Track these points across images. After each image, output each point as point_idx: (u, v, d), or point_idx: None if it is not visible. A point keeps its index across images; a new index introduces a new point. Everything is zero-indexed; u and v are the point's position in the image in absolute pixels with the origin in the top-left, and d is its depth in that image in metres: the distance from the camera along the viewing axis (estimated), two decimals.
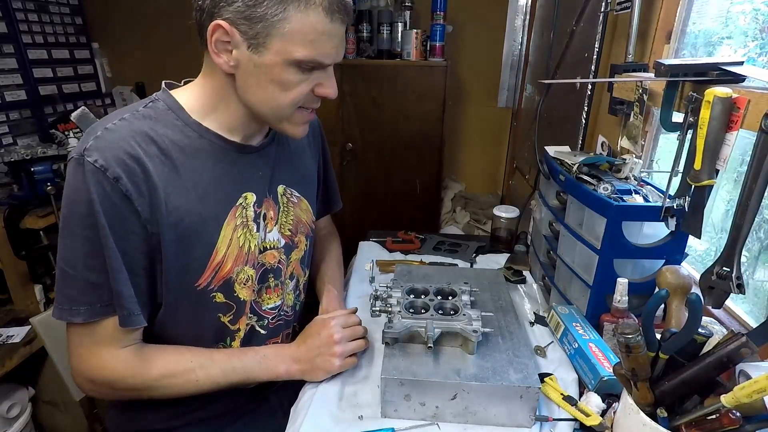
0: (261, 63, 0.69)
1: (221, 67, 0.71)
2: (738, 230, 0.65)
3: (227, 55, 0.70)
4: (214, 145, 0.77)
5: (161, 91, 0.77)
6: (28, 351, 1.53)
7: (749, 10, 0.95)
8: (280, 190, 0.89)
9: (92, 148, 0.67)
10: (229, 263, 0.79)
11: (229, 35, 0.68)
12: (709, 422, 0.56)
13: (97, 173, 0.66)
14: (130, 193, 0.68)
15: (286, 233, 0.89)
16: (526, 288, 1.16)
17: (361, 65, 2.13)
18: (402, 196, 2.32)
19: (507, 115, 2.61)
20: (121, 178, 0.67)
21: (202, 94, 0.77)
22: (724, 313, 0.90)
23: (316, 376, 0.82)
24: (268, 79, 0.71)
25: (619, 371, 0.64)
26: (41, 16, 2.14)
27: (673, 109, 0.85)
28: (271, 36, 0.67)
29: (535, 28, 2.12)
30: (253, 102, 0.74)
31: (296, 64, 0.70)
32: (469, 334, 0.78)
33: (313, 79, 0.73)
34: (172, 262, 0.74)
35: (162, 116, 0.74)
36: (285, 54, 0.68)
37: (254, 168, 0.83)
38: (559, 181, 1.01)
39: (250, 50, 0.68)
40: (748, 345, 0.56)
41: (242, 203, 0.80)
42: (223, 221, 0.78)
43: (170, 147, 0.72)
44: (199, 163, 0.75)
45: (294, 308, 0.96)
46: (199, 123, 0.76)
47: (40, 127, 2.07)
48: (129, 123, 0.71)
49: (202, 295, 0.78)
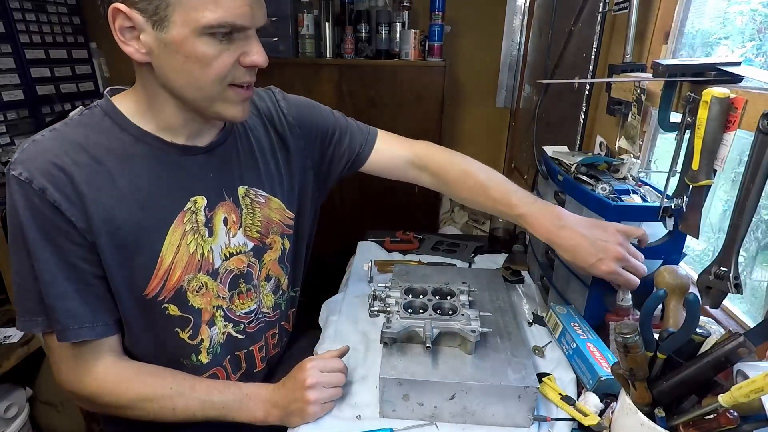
0: (170, 40, 0.63)
1: (133, 57, 0.66)
2: (735, 230, 0.65)
3: (136, 42, 0.65)
4: (153, 149, 0.74)
5: (103, 97, 0.75)
6: (25, 351, 1.52)
7: (747, 10, 0.95)
8: (241, 191, 0.84)
9: (17, 161, 0.66)
10: (177, 271, 0.76)
11: (130, 19, 0.63)
12: (707, 422, 0.56)
13: (23, 185, 0.65)
14: (59, 204, 0.66)
15: (254, 235, 0.86)
16: (525, 288, 1.16)
17: (360, 65, 2.13)
18: (400, 196, 2.31)
19: (505, 116, 2.61)
20: (47, 188, 0.65)
21: (136, 96, 0.74)
22: (721, 312, 0.91)
23: (292, 423, 0.77)
24: (183, 57, 0.64)
25: (617, 371, 0.64)
26: (39, 15, 2.13)
27: (670, 109, 0.85)
28: (171, 6, 0.61)
29: (534, 29, 2.13)
30: (177, 88, 0.68)
31: (208, 32, 0.63)
32: (468, 334, 0.78)
33: (236, 49, 0.67)
34: (116, 271, 0.72)
35: (97, 123, 0.72)
36: (192, 23, 0.62)
37: (203, 170, 0.79)
38: (557, 181, 1.01)
39: (155, 29, 0.63)
40: (746, 345, 0.56)
41: (191, 207, 0.77)
42: (168, 227, 0.74)
43: (103, 154, 0.70)
44: (137, 168, 0.72)
45: (278, 308, 0.94)
46: (137, 126, 0.73)
47: (38, 127, 2.05)
48: (59, 133, 0.70)
49: (152, 305, 0.76)
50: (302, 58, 2.14)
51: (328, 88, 2.12)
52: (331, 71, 2.10)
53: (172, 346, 0.80)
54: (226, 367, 0.87)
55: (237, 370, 0.89)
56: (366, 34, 2.17)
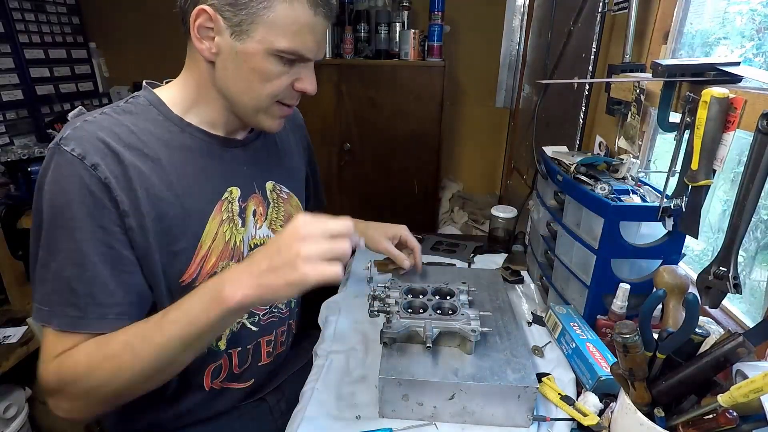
0: (243, 51, 0.69)
1: (203, 53, 0.71)
2: (735, 230, 0.65)
3: (209, 41, 0.70)
4: (197, 139, 0.77)
5: (143, 89, 0.78)
6: (24, 351, 1.52)
7: (746, 10, 0.95)
8: (269, 186, 0.89)
9: (69, 137, 0.66)
10: (213, 258, 0.78)
11: (212, 21, 0.68)
12: (706, 422, 0.56)
13: (73, 161, 0.65)
14: (109, 180, 0.66)
15: (278, 229, 0.90)
16: (524, 288, 1.16)
17: (359, 65, 2.13)
18: (400, 196, 2.32)
19: (505, 116, 2.61)
20: (99, 165, 0.65)
21: (183, 89, 0.78)
22: (721, 312, 0.91)
23: (279, 293, 0.60)
24: (249, 68, 0.71)
25: (616, 371, 0.64)
26: (38, 15, 2.13)
27: (670, 109, 0.85)
28: (255, 24, 0.68)
29: (533, 29, 2.13)
30: (233, 91, 0.74)
31: (277, 55, 0.70)
32: (468, 334, 0.78)
33: (294, 73, 0.74)
34: (155, 257, 0.71)
35: (143, 111, 0.74)
36: (267, 43, 0.69)
37: (239, 162, 0.83)
38: (556, 181, 1.01)
39: (233, 37, 0.69)
40: (745, 345, 0.56)
41: (228, 197, 0.80)
42: (209, 215, 0.77)
43: (151, 141, 0.72)
44: (182, 156, 0.75)
45: (288, 305, 0.95)
46: (180, 118, 0.77)
47: (37, 127, 2.07)
48: (109, 117, 0.71)
49: (185, 292, 0.72)
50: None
51: (327, 88, 2.12)
52: (330, 71, 2.10)
53: None
54: (232, 356, 0.86)
55: (242, 364, 0.88)
56: (365, 34, 2.17)
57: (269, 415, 0.93)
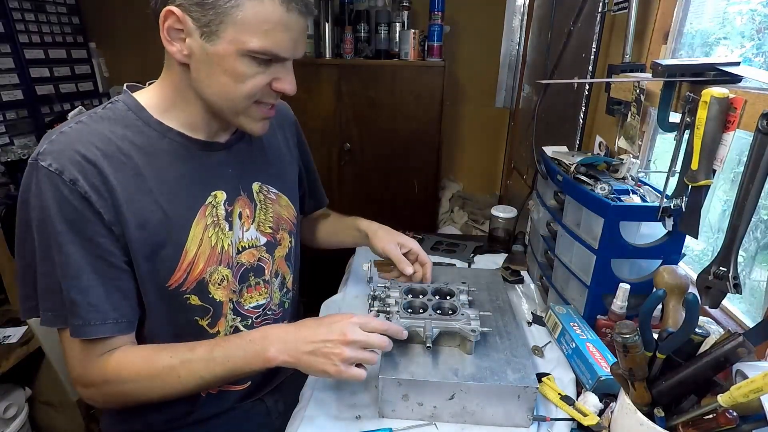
0: (214, 52, 0.67)
1: (174, 56, 0.69)
2: (735, 230, 0.65)
3: (180, 43, 0.68)
4: (176, 144, 0.76)
5: (122, 93, 0.76)
6: (24, 351, 1.52)
7: (746, 10, 0.95)
8: (256, 187, 0.88)
9: (46, 152, 0.66)
10: (201, 263, 0.78)
11: (181, 22, 0.66)
12: (706, 422, 0.56)
13: (52, 177, 0.65)
14: (89, 195, 0.66)
15: (266, 231, 0.89)
16: (524, 288, 1.16)
17: (359, 65, 2.13)
18: (400, 196, 2.31)
19: (504, 116, 2.61)
20: (77, 180, 0.66)
21: (161, 92, 0.76)
22: (720, 312, 0.91)
23: (311, 372, 0.71)
24: (222, 70, 0.68)
25: (616, 371, 0.64)
26: (38, 15, 2.13)
27: (670, 109, 0.85)
28: (224, 24, 0.65)
29: (533, 29, 2.13)
30: (208, 94, 0.72)
31: (250, 55, 0.67)
32: (468, 334, 0.78)
33: (271, 73, 0.71)
34: (142, 264, 0.73)
35: (121, 117, 0.73)
36: (238, 43, 0.66)
37: (222, 165, 0.82)
38: (556, 181, 1.01)
39: (203, 38, 0.66)
40: (745, 345, 0.56)
41: (212, 202, 0.79)
42: (192, 221, 0.76)
43: (130, 148, 0.71)
44: (162, 162, 0.74)
45: (282, 306, 0.94)
46: (160, 122, 0.75)
47: (37, 127, 2.07)
48: (86, 126, 0.70)
49: (175, 296, 0.77)
50: (301, 58, 2.13)
51: (327, 88, 2.12)
52: (330, 71, 2.10)
53: (190, 334, 0.80)
54: None
55: None
56: (365, 34, 2.16)
57: (267, 416, 0.92)
